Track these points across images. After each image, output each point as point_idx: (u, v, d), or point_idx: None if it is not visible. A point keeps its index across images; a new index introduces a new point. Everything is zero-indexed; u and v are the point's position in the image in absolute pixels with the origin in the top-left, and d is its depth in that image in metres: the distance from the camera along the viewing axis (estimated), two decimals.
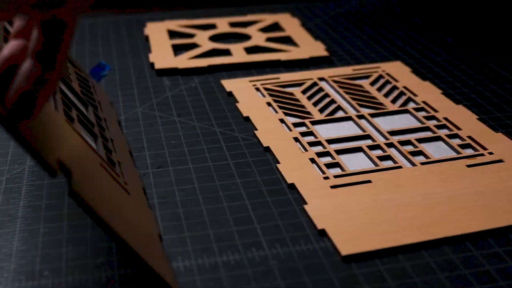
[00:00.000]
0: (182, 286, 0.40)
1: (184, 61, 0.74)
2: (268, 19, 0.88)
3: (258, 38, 0.81)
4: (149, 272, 0.36)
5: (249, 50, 0.78)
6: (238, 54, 0.76)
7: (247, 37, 0.83)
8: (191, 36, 0.83)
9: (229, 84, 0.67)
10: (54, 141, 0.36)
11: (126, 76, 0.72)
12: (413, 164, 0.52)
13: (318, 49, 0.77)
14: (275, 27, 0.87)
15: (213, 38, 0.82)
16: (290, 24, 0.86)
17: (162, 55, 0.76)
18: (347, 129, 0.59)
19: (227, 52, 0.77)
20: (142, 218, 0.42)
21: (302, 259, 0.42)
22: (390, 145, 0.56)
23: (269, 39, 0.81)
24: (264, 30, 0.86)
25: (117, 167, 0.46)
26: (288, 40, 0.82)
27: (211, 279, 0.41)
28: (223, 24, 0.87)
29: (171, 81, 0.70)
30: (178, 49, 0.79)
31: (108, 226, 0.35)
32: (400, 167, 0.52)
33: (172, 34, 0.85)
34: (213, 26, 0.87)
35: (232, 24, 0.88)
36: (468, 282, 0.40)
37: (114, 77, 0.71)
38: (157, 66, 0.72)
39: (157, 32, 0.84)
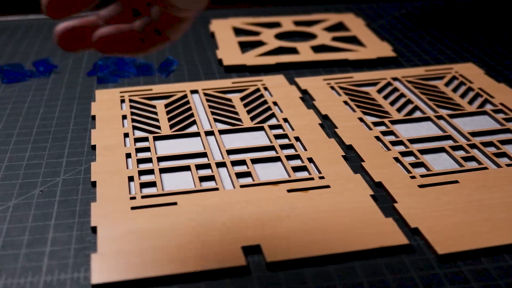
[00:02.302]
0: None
1: (252, 58, 0.74)
2: (333, 18, 0.88)
3: (323, 37, 0.81)
4: None
5: (316, 49, 0.78)
6: (305, 52, 0.75)
7: (312, 36, 0.83)
8: (256, 33, 0.83)
9: (303, 82, 0.67)
10: None
11: (194, 72, 0.72)
12: (498, 166, 0.52)
13: (385, 49, 0.76)
14: (340, 26, 0.87)
15: (278, 36, 0.82)
16: (355, 24, 0.86)
17: (229, 51, 0.76)
18: (427, 129, 0.58)
19: (293, 51, 0.77)
20: None
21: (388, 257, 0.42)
22: (473, 146, 0.55)
23: (334, 39, 0.81)
24: (329, 29, 0.86)
25: None
26: (353, 40, 0.81)
27: (296, 275, 0.40)
28: (287, 23, 0.87)
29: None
30: (244, 46, 0.79)
31: None
32: (485, 168, 0.52)
33: (238, 31, 0.85)
34: (277, 24, 0.87)
35: (297, 23, 0.87)
36: None
37: (183, 73, 0.72)
38: (226, 62, 0.73)
39: (222, 29, 0.84)
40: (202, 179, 0.50)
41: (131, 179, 0.50)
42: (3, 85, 0.69)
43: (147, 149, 0.55)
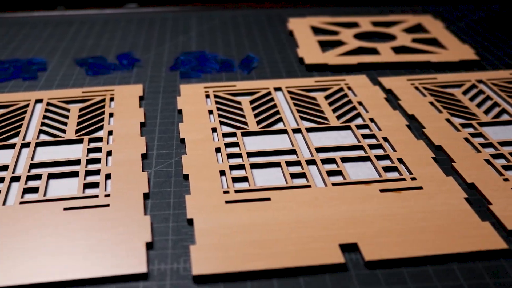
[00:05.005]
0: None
1: (333, 57, 0.74)
2: (411, 20, 0.88)
3: (403, 39, 0.80)
4: None
5: (397, 50, 0.78)
6: (386, 53, 0.75)
7: (391, 37, 0.82)
8: (335, 33, 0.83)
9: (387, 82, 0.67)
10: None
11: (276, 69, 0.72)
12: None
13: (467, 52, 0.76)
14: (418, 28, 0.86)
15: (357, 36, 0.82)
16: (434, 26, 0.85)
17: (309, 50, 0.76)
18: None
19: (374, 51, 0.77)
20: None
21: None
22: None
23: (414, 40, 0.81)
24: (408, 30, 0.85)
25: None
26: (434, 42, 0.81)
27: (394, 274, 0.41)
28: (365, 23, 0.86)
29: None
30: (323, 45, 0.79)
31: None
32: None
33: (316, 30, 0.85)
34: (355, 25, 0.87)
35: (375, 24, 0.87)
36: None
37: (265, 70, 0.72)
38: (307, 61, 0.73)
39: (300, 28, 0.84)
40: (293, 176, 0.51)
41: (222, 173, 0.51)
42: (88, 77, 0.70)
43: (235, 144, 0.55)
